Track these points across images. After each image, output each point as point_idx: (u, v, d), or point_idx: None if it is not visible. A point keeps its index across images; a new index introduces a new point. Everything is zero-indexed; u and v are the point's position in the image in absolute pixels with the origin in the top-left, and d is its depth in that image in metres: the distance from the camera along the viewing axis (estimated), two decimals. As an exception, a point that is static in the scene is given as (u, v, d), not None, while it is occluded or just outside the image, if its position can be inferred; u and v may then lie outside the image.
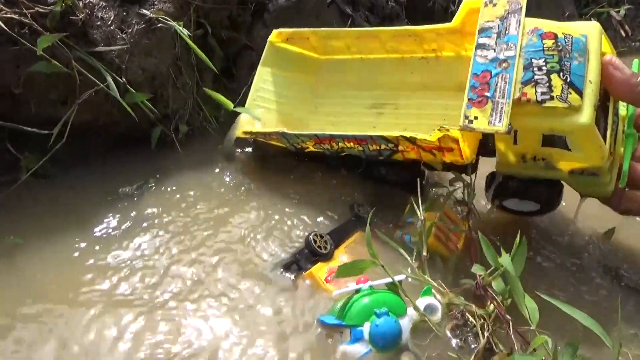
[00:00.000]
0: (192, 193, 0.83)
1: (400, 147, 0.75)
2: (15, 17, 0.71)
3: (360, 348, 0.58)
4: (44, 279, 0.64)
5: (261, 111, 0.93)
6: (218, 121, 1.02)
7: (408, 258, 0.66)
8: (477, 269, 0.63)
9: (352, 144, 0.79)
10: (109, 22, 0.81)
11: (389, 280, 0.61)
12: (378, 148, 0.77)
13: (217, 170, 0.90)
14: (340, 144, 0.80)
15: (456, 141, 0.68)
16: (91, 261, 0.67)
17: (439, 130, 0.67)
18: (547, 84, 0.63)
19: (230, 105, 0.90)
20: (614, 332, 0.56)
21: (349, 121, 0.94)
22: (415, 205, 0.69)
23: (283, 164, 0.92)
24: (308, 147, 0.85)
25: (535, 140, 0.68)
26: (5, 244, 0.68)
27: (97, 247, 0.70)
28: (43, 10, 0.73)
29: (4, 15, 0.70)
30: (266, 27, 1.05)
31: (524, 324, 0.57)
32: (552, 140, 0.68)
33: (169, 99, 0.91)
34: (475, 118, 0.63)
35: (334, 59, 0.98)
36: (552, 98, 0.63)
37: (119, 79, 0.81)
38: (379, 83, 0.94)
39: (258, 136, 0.89)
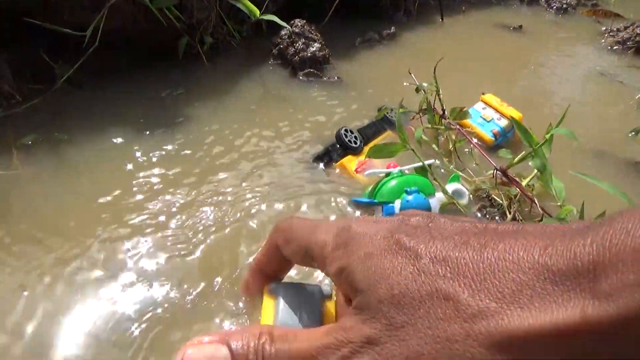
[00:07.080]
0: (224, 98, 0.85)
1: None
2: None
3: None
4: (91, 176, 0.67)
5: None
6: (241, 35, 1.03)
7: (436, 148, 0.69)
8: (504, 153, 0.66)
9: None
10: None
11: (418, 164, 0.63)
12: None
13: (244, 81, 0.92)
14: None
15: None
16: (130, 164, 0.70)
17: None
18: None
19: (256, 11, 0.90)
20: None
21: None
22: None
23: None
24: None
25: None
26: (53, 139, 0.72)
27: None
28: None
29: None
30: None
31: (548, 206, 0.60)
32: None
33: (194, 9, 0.91)
34: None
35: None
36: None
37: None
38: None
39: None
